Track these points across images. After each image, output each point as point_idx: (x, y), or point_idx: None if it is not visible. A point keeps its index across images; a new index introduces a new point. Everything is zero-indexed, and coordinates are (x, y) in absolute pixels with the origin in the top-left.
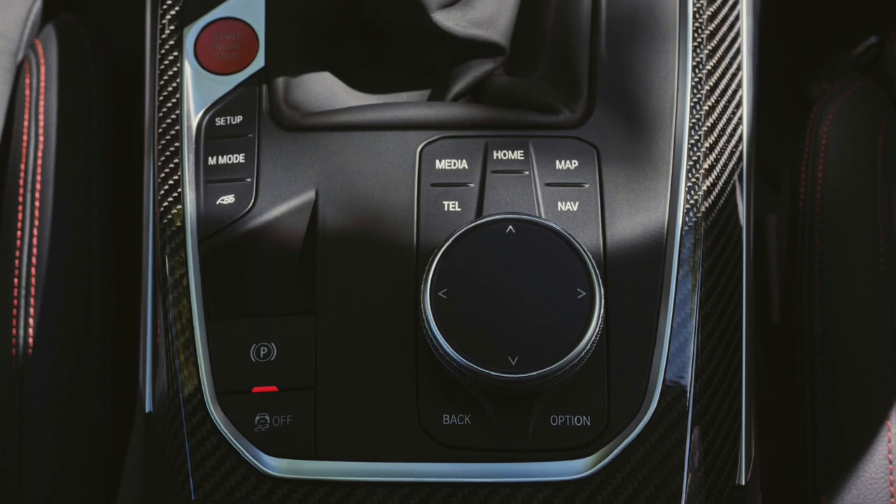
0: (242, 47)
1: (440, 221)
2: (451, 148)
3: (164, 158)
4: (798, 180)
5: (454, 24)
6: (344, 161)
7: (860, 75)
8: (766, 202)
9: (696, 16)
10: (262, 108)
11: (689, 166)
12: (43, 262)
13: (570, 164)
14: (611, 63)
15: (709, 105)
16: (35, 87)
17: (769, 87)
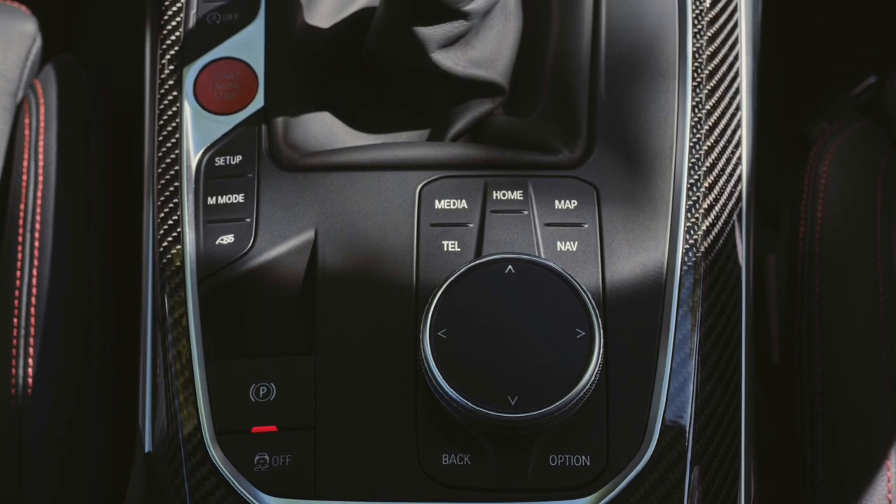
0: (242, 87)
1: (440, 261)
2: (450, 188)
3: (164, 198)
4: (797, 220)
5: (454, 63)
6: (343, 201)
7: (860, 115)
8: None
9: (695, 55)
10: (262, 147)
11: (688, 206)
12: (42, 302)
13: (569, 203)
14: (610, 103)
15: (708, 145)
16: (34, 126)
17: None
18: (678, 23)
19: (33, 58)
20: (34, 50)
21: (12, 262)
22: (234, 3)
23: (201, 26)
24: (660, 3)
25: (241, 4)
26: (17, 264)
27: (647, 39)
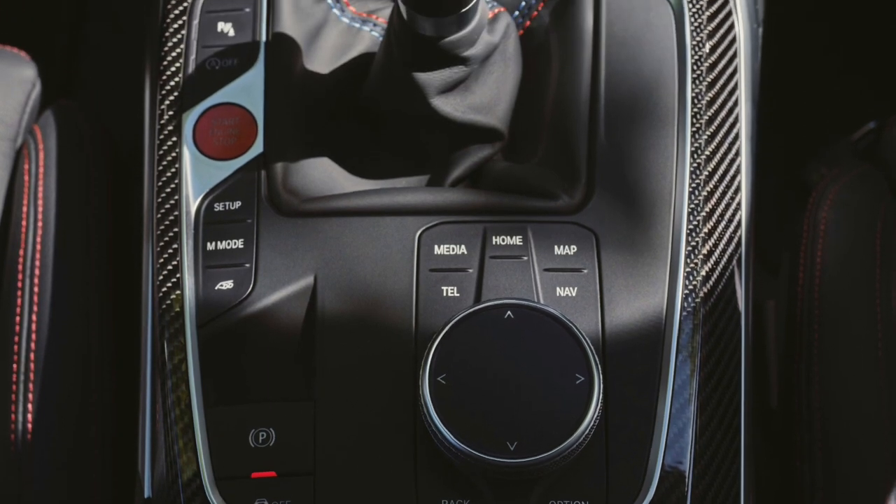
0: (241, 133)
1: (439, 307)
2: (449, 233)
3: (164, 244)
4: (796, 265)
5: (453, 109)
6: (343, 246)
7: (859, 161)
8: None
9: (694, 101)
10: (261, 193)
11: (687, 252)
12: (42, 348)
13: (568, 249)
14: (609, 148)
15: (708, 190)
16: (34, 172)
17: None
18: (677, 68)
19: (33, 103)
20: (34, 95)
21: (12, 308)
22: (233, 48)
23: (200, 72)
24: (659, 49)
25: (241, 50)
26: (17, 309)
27: (647, 85)
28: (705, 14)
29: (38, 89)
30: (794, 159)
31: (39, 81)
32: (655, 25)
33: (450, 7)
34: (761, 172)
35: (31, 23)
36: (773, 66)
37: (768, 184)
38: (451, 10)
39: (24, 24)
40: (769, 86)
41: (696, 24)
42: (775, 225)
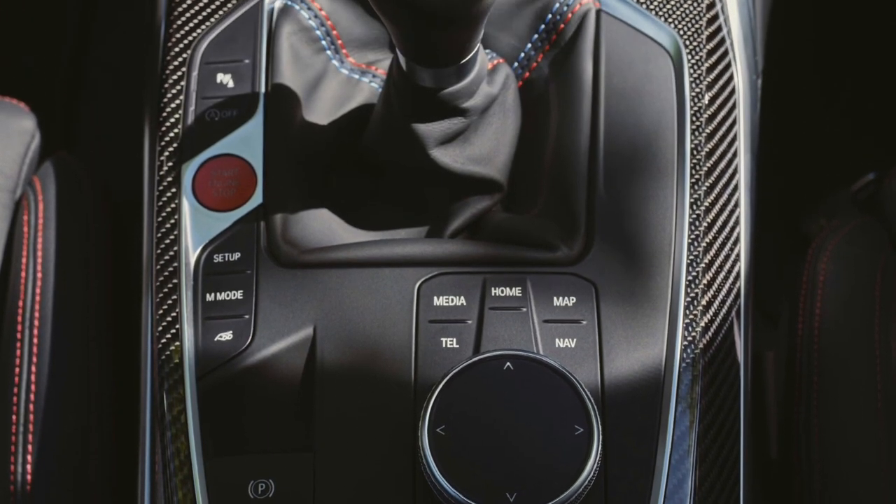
0: (240, 184)
1: (438, 358)
2: (449, 284)
3: (163, 295)
4: (796, 316)
5: (452, 160)
6: (342, 298)
7: (858, 212)
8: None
9: (694, 152)
10: (261, 244)
11: (687, 303)
12: (41, 399)
13: (567, 300)
14: (608, 199)
15: (707, 241)
16: (33, 223)
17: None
18: (676, 120)
19: (32, 154)
20: (33, 147)
21: (11, 359)
22: (232, 99)
23: (200, 123)
24: (658, 101)
25: (240, 101)
26: (16, 361)
27: (646, 136)
28: (704, 65)
29: (38, 141)
30: (794, 210)
31: (39, 133)
32: (655, 77)
33: (449, 58)
34: (761, 223)
35: (30, 74)
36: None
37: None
38: (450, 62)
39: (24, 75)
40: (769, 137)
41: (695, 76)
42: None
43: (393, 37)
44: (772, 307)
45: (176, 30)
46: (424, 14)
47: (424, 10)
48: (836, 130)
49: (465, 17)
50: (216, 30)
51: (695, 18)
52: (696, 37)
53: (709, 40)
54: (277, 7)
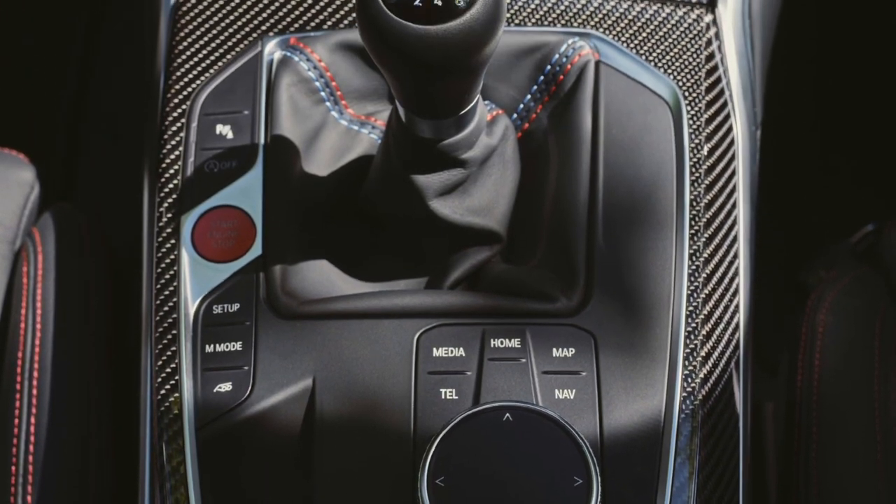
0: (240, 235)
1: (437, 409)
2: (448, 336)
3: (162, 346)
4: (795, 368)
5: (451, 211)
6: (341, 349)
7: (857, 263)
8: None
9: (692, 204)
10: (260, 295)
11: (686, 354)
12: (40, 451)
13: (567, 351)
14: (608, 251)
15: (706, 292)
16: (32, 274)
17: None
18: (676, 171)
19: (31, 206)
20: (32, 198)
21: (10, 411)
22: (231, 150)
23: (199, 174)
24: (658, 152)
25: (239, 152)
26: (16, 412)
27: (645, 187)
28: (703, 116)
29: (37, 192)
30: (793, 261)
31: (38, 184)
32: (654, 128)
33: (448, 110)
34: (760, 274)
35: (29, 125)
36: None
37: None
38: (449, 113)
39: (23, 126)
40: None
41: (694, 127)
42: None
43: (392, 88)
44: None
45: (175, 81)
46: (424, 66)
47: (424, 62)
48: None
49: (465, 69)
50: (215, 81)
51: (694, 70)
52: (695, 88)
53: (708, 91)
54: (277, 58)
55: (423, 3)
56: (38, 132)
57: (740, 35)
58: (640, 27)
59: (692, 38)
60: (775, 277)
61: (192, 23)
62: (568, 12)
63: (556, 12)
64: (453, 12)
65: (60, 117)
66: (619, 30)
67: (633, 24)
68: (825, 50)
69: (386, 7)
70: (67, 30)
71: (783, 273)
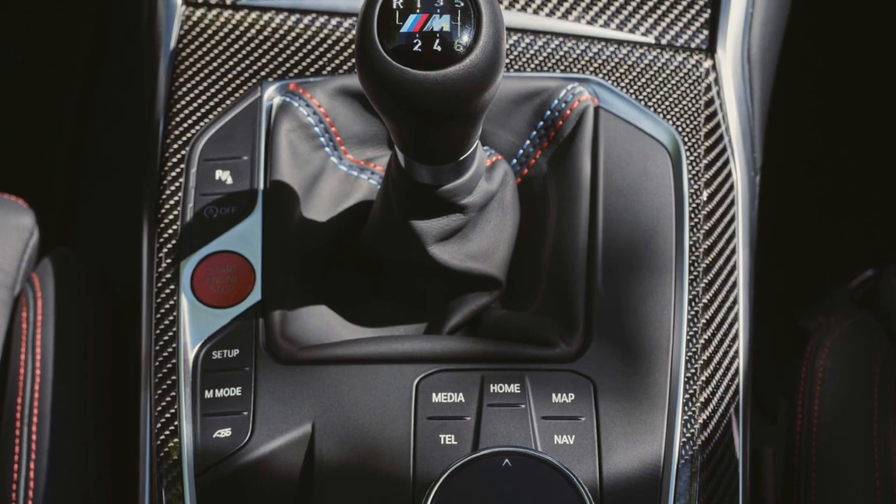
0: (239, 280)
1: (437, 455)
2: (447, 381)
3: (161, 392)
4: (794, 413)
5: (451, 257)
6: (340, 395)
7: (857, 309)
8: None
9: (692, 249)
10: (259, 341)
11: (685, 399)
12: (40, 497)
13: (566, 397)
14: (607, 296)
15: (705, 338)
16: (32, 320)
17: (766, 319)
18: (675, 216)
19: (30, 251)
20: (31, 243)
21: (9, 456)
22: (231, 196)
23: (198, 220)
24: (657, 198)
25: (239, 198)
26: (15, 457)
27: (644, 233)
28: (703, 162)
29: (36, 237)
30: (793, 306)
31: (37, 229)
32: (653, 173)
33: (447, 155)
34: (759, 320)
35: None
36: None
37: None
38: (448, 159)
39: (22, 171)
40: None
41: (693, 173)
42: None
43: (391, 133)
44: (770, 403)
45: (174, 126)
46: (423, 111)
47: (423, 107)
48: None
49: (464, 114)
50: (215, 126)
51: (693, 115)
52: (694, 133)
53: (707, 137)
54: (276, 104)
55: (422, 49)
56: (38, 177)
57: (739, 81)
58: (640, 73)
59: (691, 83)
60: (775, 323)
61: (191, 68)
62: (567, 58)
63: (556, 58)
64: (453, 58)
65: (60, 162)
66: (619, 75)
67: (633, 70)
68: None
69: (385, 52)
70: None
71: (783, 318)
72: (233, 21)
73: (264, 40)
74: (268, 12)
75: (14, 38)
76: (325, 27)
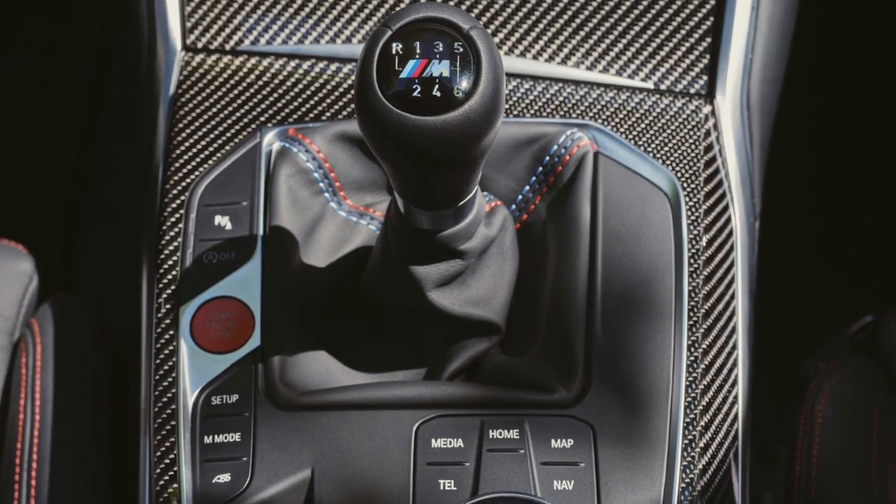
0: (238, 326)
1: (436, 500)
2: (446, 427)
3: (161, 437)
4: (793, 459)
5: (450, 303)
6: (340, 440)
7: (856, 354)
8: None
9: (691, 294)
10: (258, 386)
11: (684, 445)
12: None
13: (565, 442)
14: (606, 341)
15: (704, 383)
16: (31, 365)
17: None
18: (674, 262)
19: (30, 297)
20: (31, 289)
21: (9, 502)
22: (230, 241)
23: (198, 265)
24: (656, 243)
25: (238, 243)
26: (14, 503)
27: (644, 278)
28: (702, 207)
29: (36, 283)
30: (792, 351)
31: (37, 275)
32: (652, 219)
33: (447, 201)
34: (759, 365)
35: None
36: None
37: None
38: (448, 204)
39: (22, 217)
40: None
41: (692, 218)
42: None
43: (391, 178)
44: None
45: (174, 172)
46: (422, 156)
47: (422, 153)
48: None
49: (463, 160)
50: (214, 172)
51: (693, 161)
52: (693, 179)
53: (706, 182)
54: (275, 149)
55: (421, 94)
56: (37, 223)
57: (739, 126)
58: (639, 118)
59: (690, 129)
60: (774, 368)
61: (191, 113)
62: (566, 103)
63: (555, 103)
64: (452, 103)
65: (59, 207)
66: (618, 120)
67: (632, 115)
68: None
69: (384, 98)
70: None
71: (782, 363)
72: (232, 66)
73: (263, 86)
74: (267, 58)
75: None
76: (324, 73)
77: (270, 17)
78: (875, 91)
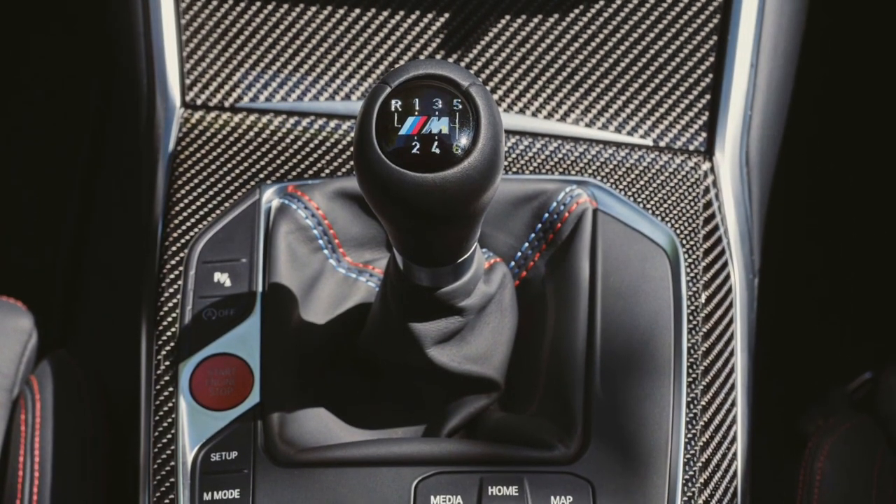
0: (238, 383)
1: None
2: (445, 484)
3: (160, 494)
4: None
5: (449, 360)
6: (339, 497)
7: (855, 411)
8: None
9: (690, 351)
10: (258, 443)
11: (683, 501)
12: None
13: (564, 499)
14: (605, 398)
15: (704, 440)
16: (30, 423)
17: (764, 421)
18: (673, 319)
19: (29, 354)
20: (30, 346)
21: None
22: (229, 298)
23: (197, 322)
24: (655, 300)
25: (237, 300)
26: None
27: (643, 335)
28: (701, 264)
29: (35, 340)
30: (791, 408)
31: (36, 332)
32: (651, 276)
33: (446, 258)
34: (758, 422)
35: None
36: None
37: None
38: (447, 261)
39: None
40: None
41: (691, 275)
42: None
43: (390, 236)
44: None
45: (173, 229)
46: (422, 213)
47: (422, 210)
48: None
49: (463, 217)
50: (213, 229)
51: (692, 218)
52: (692, 236)
53: (706, 239)
54: (274, 206)
55: (420, 151)
56: (37, 280)
57: (738, 183)
58: (638, 175)
59: (690, 186)
60: (773, 425)
61: (190, 170)
62: (565, 160)
63: (554, 160)
64: (451, 160)
65: (59, 264)
66: (617, 177)
67: (631, 172)
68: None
69: (383, 154)
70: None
71: (781, 421)
72: (231, 123)
73: (262, 143)
74: (266, 115)
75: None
76: (323, 129)
77: (270, 73)
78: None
